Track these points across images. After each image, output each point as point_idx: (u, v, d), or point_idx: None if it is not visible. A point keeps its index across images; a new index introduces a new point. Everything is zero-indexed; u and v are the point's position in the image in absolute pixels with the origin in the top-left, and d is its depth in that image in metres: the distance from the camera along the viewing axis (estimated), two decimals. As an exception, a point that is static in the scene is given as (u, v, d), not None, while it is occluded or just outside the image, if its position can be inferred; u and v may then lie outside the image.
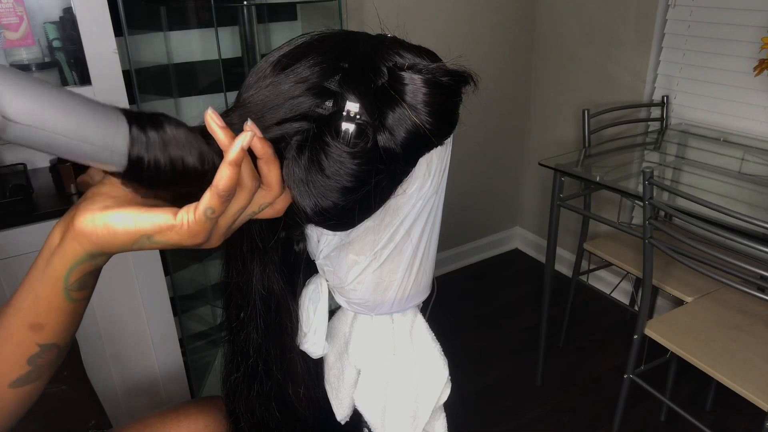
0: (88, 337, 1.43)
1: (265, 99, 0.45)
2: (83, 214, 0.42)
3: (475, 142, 2.50)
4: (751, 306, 1.51)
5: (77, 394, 0.93)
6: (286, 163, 0.46)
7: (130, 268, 1.44)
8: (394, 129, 0.46)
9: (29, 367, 0.49)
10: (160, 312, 1.52)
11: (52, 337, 0.49)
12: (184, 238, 0.41)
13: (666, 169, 1.73)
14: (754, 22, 1.73)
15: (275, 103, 0.45)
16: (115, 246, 0.43)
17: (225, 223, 0.43)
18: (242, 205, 0.43)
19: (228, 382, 0.68)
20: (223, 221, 0.43)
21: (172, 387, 1.62)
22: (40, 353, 0.49)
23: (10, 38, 1.23)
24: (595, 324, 2.30)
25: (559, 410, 1.87)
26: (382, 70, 0.46)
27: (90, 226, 0.42)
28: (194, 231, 0.41)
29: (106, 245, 0.43)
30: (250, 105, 0.46)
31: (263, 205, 0.45)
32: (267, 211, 0.46)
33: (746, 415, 1.77)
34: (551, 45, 2.43)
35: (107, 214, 0.42)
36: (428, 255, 0.58)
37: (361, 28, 0.50)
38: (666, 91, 2.05)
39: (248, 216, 0.45)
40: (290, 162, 0.46)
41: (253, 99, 0.46)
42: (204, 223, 0.41)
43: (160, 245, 0.43)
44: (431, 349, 0.65)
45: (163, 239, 0.42)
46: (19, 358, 0.48)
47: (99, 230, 0.42)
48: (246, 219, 0.45)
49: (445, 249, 2.63)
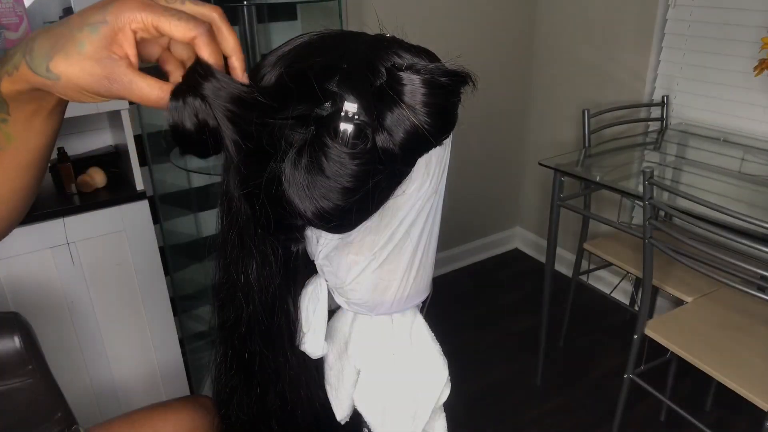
0: (89, 337, 1.44)
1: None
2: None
3: (475, 142, 2.50)
4: (751, 306, 1.51)
5: (43, 388, 0.94)
6: (286, 171, 0.46)
7: (130, 268, 1.45)
8: (392, 129, 0.46)
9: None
10: (160, 312, 1.53)
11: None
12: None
13: (666, 169, 1.73)
14: (754, 22, 1.73)
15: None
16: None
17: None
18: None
19: (220, 382, 0.68)
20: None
21: (171, 387, 1.62)
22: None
23: (10, 38, 1.23)
24: (595, 324, 2.29)
25: (559, 410, 1.87)
26: (380, 71, 0.46)
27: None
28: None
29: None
30: None
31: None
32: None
33: (746, 415, 1.77)
34: (551, 45, 2.43)
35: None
36: (428, 255, 0.58)
37: (361, 28, 0.50)
38: (666, 91, 2.05)
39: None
40: (290, 167, 0.46)
41: None
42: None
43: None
44: (431, 349, 0.65)
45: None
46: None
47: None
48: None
49: (445, 249, 2.63)
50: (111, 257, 1.41)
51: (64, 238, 1.32)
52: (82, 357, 1.44)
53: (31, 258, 1.30)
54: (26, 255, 1.29)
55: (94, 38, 0.37)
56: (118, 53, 0.38)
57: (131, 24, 0.38)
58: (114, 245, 1.40)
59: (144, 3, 0.38)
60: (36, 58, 0.39)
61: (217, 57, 0.40)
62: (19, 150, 0.45)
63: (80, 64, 0.38)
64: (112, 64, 0.38)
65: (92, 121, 1.55)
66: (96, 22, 0.38)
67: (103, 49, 0.38)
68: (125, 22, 0.38)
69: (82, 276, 1.38)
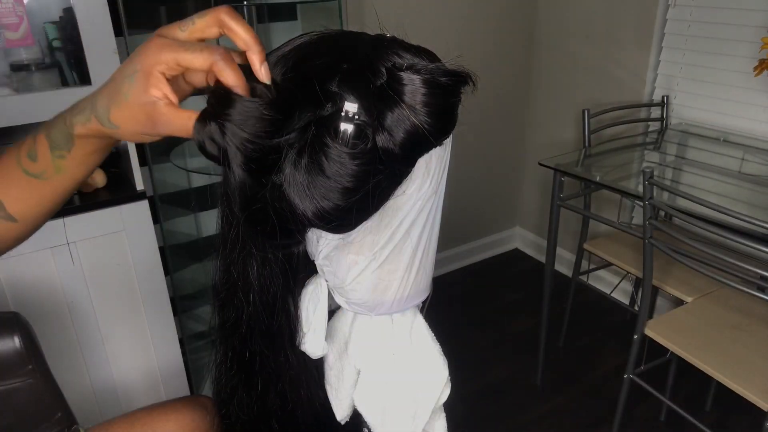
0: (89, 337, 1.44)
1: None
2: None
3: (476, 142, 2.50)
4: (751, 306, 1.51)
5: (43, 387, 0.94)
6: (286, 171, 0.46)
7: (130, 268, 1.45)
8: (392, 129, 0.46)
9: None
10: (160, 312, 1.53)
11: (9, 206, 0.50)
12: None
13: (666, 169, 1.73)
14: (754, 22, 1.73)
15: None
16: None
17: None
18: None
19: (220, 382, 0.68)
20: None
21: (172, 387, 1.62)
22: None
23: (10, 38, 1.23)
24: (595, 324, 2.30)
25: (559, 410, 1.87)
26: (381, 71, 0.46)
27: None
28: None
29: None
30: None
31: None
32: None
33: (746, 415, 1.77)
34: (551, 45, 2.43)
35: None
36: (428, 255, 0.58)
37: (361, 28, 0.50)
38: (666, 91, 2.05)
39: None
40: (290, 167, 0.46)
41: None
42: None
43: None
44: (431, 349, 0.65)
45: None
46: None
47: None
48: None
49: (445, 249, 2.63)
50: (111, 257, 1.41)
51: (64, 238, 1.32)
52: (82, 357, 1.44)
53: (31, 258, 1.30)
54: (26, 255, 1.29)
55: (132, 87, 0.43)
56: (156, 95, 0.42)
57: (157, 67, 0.42)
58: (114, 245, 1.40)
59: (163, 44, 0.42)
60: (100, 113, 0.45)
61: (235, 77, 0.42)
62: (64, 180, 0.51)
63: (129, 111, 0.43)
64: (152, 107, 0.43)
65: (92, 121, 1.55)
66: (130, 73, 0.43)
67: (142, 95, 0.42)
68: (151, 66, 0.42)
69: (82, 276, 1.38)
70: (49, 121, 0.49)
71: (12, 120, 1.20)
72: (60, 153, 0.48)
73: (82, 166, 0.51)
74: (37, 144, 0.49)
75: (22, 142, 0.50)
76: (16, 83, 1.27)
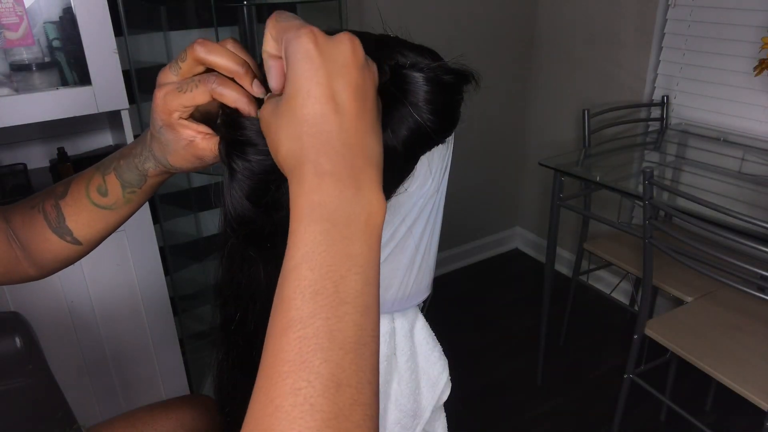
0: (89, 337, 1.43)
1: None
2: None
3: (476, 142, 2.50)
4: (751, 306, 1.51)
5: (43, 388, 0.95)
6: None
7: (130, 268, 1.45)
8: (395, 127, 0.46)
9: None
10: (160, 312, 1.52)
11: (77, 232, 0.57)
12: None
13: (666, 169, 1.73)
14: (754, 22, 1.73)
15: None
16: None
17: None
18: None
19: (222, 380, 0.67)
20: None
21: (172, 387, 1.62)
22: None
23: (10, 38, 1.23)
24: (595, 324, 2.30)
25: (559, 410, 1.87)
26: (384, 69, 0.46)
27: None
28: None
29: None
30: None
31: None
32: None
33: (746, 415, 1.77)
34: (551, 45, 2.43)
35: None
36: (429, 254, 0.58)
37: (362, 28, 0.50)
38: (666, 91, 2.05)
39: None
40: None
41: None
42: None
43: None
44: (431, 349, 0.64)
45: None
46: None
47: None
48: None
49: (445, 249, 2.63)
50: (111, 257, 1.41)
51: (64, 237, 1.32)
52: (82, 357, 1.44)
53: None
54: (26, 255, 1.29)
55: (168, 139, 0.47)
56: (188, 137, 0.46)
57: (172, 117, 0.45)
58: (114, 245, 1.40)
59: (165, 94, 0.45)
60: (162, 161, 0.50)
61: (234, 96, 0.43)
62: (130, 208, 0.57)
63: (180, 156, 0.48)
64: (191, 146, 0.47)
65: (92, 121, 1.55)
66: (158, 128, 0.47)
67: (179, 141, 0.47)
68: (168, 116, 0.45)
69: (82, 276, 1.38)
70: (115, 164, 0.55)
71: (12, 120, 1.20)
72: (132, 190, 0.55)
73: (147, 195, 0.56)
74: (107, 184, 0.55)
75: (90, 177, 0.56)
76: (16, 83, 1.27)
